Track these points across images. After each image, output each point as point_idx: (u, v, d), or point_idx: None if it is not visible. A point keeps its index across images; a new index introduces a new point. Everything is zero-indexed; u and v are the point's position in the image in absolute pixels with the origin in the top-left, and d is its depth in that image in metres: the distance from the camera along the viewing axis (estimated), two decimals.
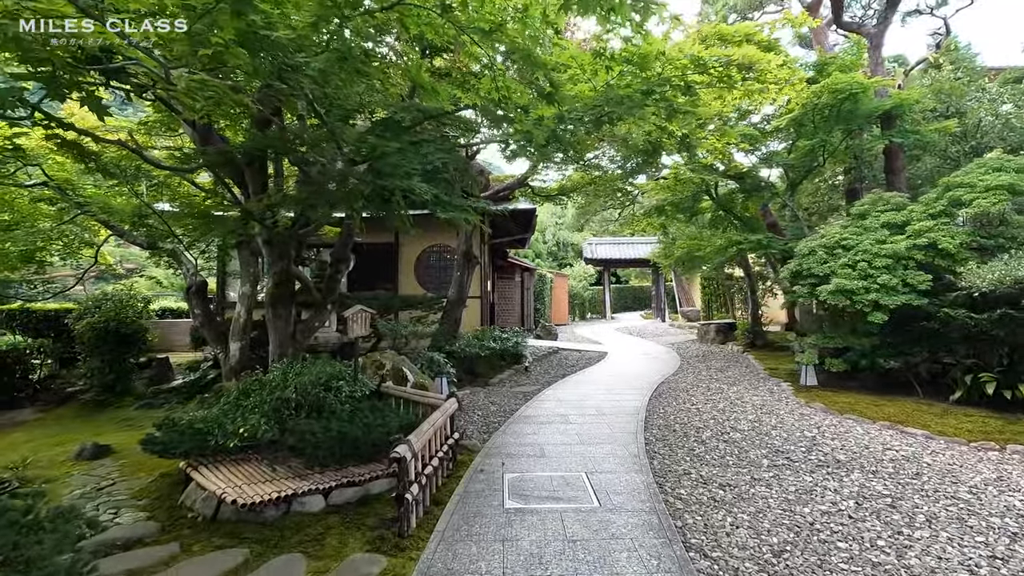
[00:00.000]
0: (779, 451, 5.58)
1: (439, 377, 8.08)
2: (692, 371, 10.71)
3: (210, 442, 4.56)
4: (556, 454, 5.55)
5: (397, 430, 4.96)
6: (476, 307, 13.93)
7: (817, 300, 7.94)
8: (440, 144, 4.43)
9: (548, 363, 12.06)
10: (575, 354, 13.64)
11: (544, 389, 9.07)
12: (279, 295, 6.23)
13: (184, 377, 10.05)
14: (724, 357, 12.50)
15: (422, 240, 14.24)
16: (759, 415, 7.03)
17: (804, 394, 8.14)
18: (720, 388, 8.86)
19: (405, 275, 14.19)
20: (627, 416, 7.09)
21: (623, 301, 37.94)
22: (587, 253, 29.51)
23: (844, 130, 9.39)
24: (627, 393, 8.60)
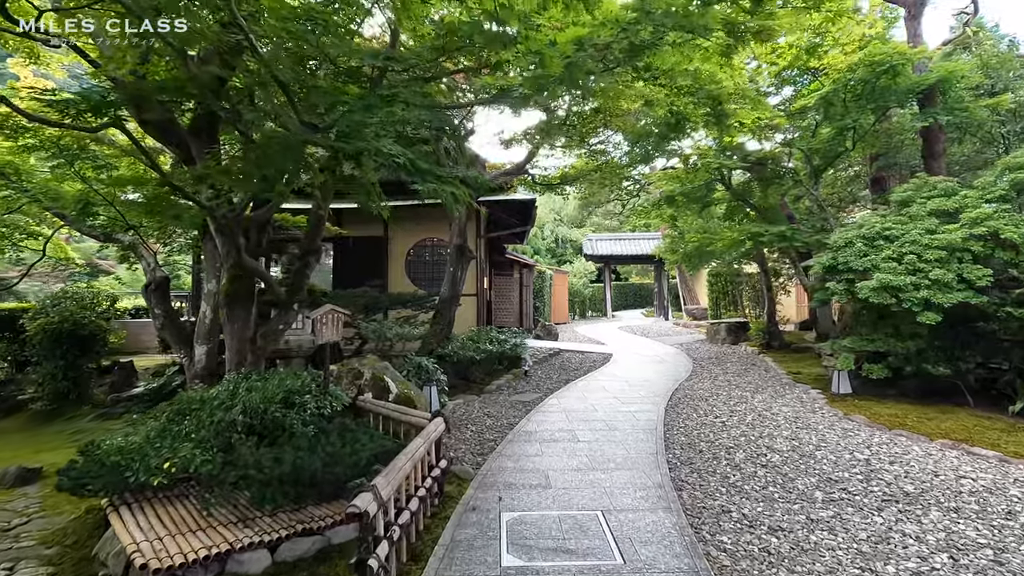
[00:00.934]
0: (831, 480, 4.65)
1: (428, 386, 7.13)
2: (707, 376, 9.78)
3: (129, 479, 3.60)
4: (564, 484, 4.61)
5: (370, 460, 4.02)
6: (471, 305, 12.97)
7: (856, 298, 7.01)
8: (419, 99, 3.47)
9: (549, 367, 11.12)
10: (578, 356, 12.70)
11: (546, 398, 8.12)
12: (234, 293, 5.27)
13: (147, 384, 9.08)
14: (739, 359, 11.57)
15: (413, 233, 13.27)
16: (795, 430, 6.10)
17: (840, 404, 7.22)
18: (743, 396, 7.93)
19: (395, 271, 13.23)
20: (643, 432, 6.15)
21: (624, 299, 37.05)
22: (587, 249, 28.57)
23: (877, 110, 8.44)
24: (640, 402, 7.66)
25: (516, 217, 14.17)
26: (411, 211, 13.05)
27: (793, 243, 9.32)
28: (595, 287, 30.46)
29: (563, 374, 10.26)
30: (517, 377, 9.74)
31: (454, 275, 9.87)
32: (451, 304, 9.98)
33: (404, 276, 13.20)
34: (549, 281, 21.53)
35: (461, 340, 9.81)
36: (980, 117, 8.15)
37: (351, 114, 3.05)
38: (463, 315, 12.65)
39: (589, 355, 12.79)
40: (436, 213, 13.14)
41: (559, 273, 24.49)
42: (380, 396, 6.05)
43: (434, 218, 13.24)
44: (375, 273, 13.10)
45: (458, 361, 9.12)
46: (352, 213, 13.11)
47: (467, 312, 12.82)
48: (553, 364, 11.43)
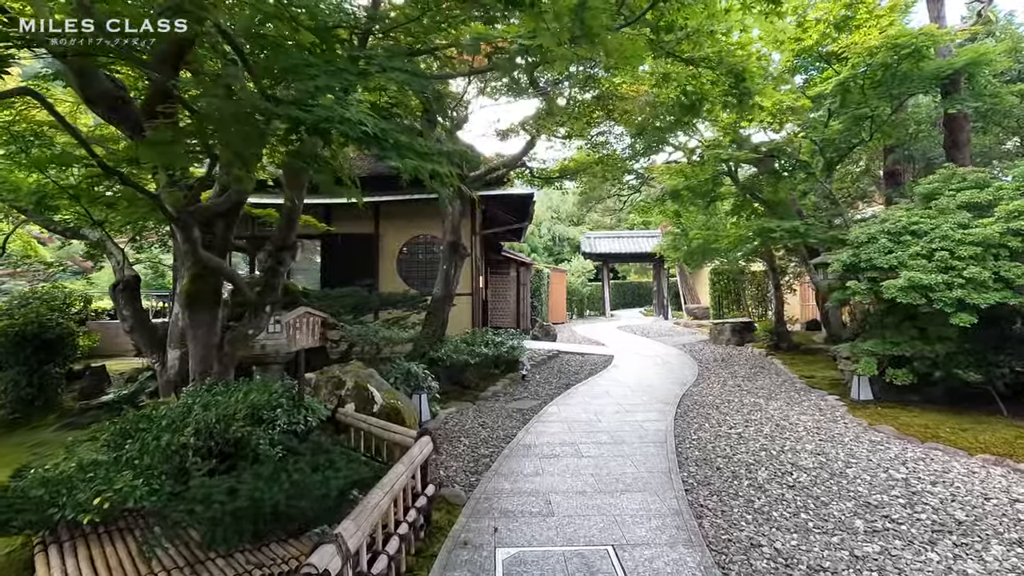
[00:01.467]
0: (870, 504, 4.11)
1: (417, 394, 6.57)
2: (715, 380, 9.25)
3: (54, 516, 3.04)
4: (567, 510, 4.06)
5: (345, 489, 3.46)
6: (466, 305, 12.41)
7: (881, 298, 6.49)
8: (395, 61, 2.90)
9: (548, 370, 10.57)
10: (577, 358, 12.16)
11: (546, 405, 7.57)
12: (196, 293, 4.70)
13: (118, 390, 8.48)
14: (747, 362, 11.05)
15: (405, 230, 12.70)
16: (819, 443, 5.57)
17: (862, 412, 6.70)
18: (756, 404, 7.40)
19: (386, 269, 12.66)
20: (653, 445, 5.61)
21: (622, 298, 36.57)
22: (585, 247, 28.03)
23: (898, 97, 7.91)
24: (646, 410, 7.13)
25: (513, 213, 13.62)
26: (403, 207, 12.48)
27: (807, 239, 8.81)
28: (593, 286, 29.94)
29: (563, 378, 9.71)
30: (514, 382, 9.19)
31: (447, 274, 9.30)
32: (444, 304, 9.42)
33: (396, 275, 12.63)
34: (547, 280, 20.99)
35: (455, 343, 9.26)
36: (1009, 104, 7.64)
37: (313, 78, 2.49)
38: (458, 316, 12.10)
39: (589, 357, 12.25)
40: (429, 209, 12.58)
41: (557, 272, 23.96)
42: (364, 407, 5.49)
43: (427, 214, 12.67)
44: (365, 272, 12.53)
45: (451, 365, 8.57)
46: (342, 209, 12.52)
47: (462, 312, 12.26)
48: (552, 367, 10.88)
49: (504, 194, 11.45)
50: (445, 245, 9.33)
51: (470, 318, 12.38)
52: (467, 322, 12.27)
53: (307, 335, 4.60)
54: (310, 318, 4.61)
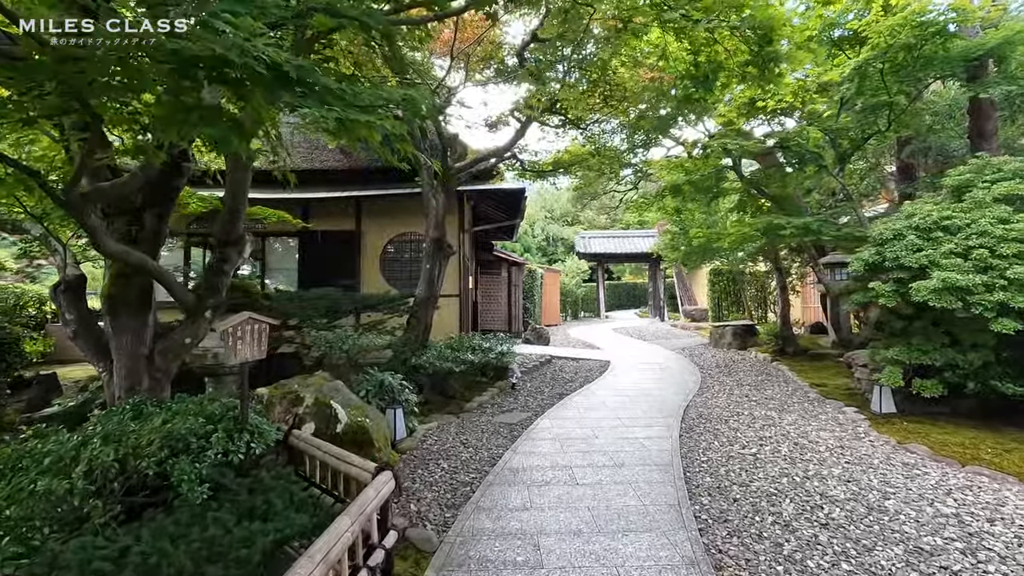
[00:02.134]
0: (922, 550, 3.43)
1: (392, 408, 5.84)
2: (720, 388, 8.57)
3: None
4: (560, 559, 3.35)
5: (277, 542, 2.73)
6: (454, 308, 11.68)
7: (908, 301, 5.83)
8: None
9: (540, 377, 9.85)
10: (571, 364, 11.46)
11: (537, 418, 6.86)
12: (118, 296, 3.97)
13: (65, 402, 7.69)
14: (752, 368, 10.39)
15: (388, 227, 11.97)
16: (847, 467, 4.89)
17: (887, 427, 6.04)
18: (768, 417, 6.73)
19: (369, 269, 11.91)
20: (657, 469, 4.92)
21: (617, 299, 35.98)
22: (579, 247, 27.38)
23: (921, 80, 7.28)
24: (647, 424, 6.43)
25: (504, 209, 12.92)
26: (386, 203, 11.75)
27: (819, 237, 8.15)
28: (588, 287, 29.29)
29: (556, 386, 9.00)
30: (503, 391, 8.47)
31: (431, 274, 8.57)
32: (428, 307, 8.69)
33: (379, 275, 11.89)
34: (540, 280, 20.30)
35: (439, 348, 8.53)
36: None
37: None
38: (445, 319, 11.38)
39: (584, 362, 11.55)
40: (414, 205, 11.85)
41: (550, 272, 23.27)
42: (326, 427, 4.76)
43: (412, 210, 11.95)
44: (346, 272, 11.78)
45: (434, 373, 7.84)
46: (321, 205, 11.77)
47: (449, 315, 11.54)
48: (544, 374, 10.17)
49: (494, 188, 10.75)
50: (428, 242, 8.60)
51: (457, 321, 11.66)
52: (454, 325, 11.55)
53: (251, 346, 3.86)
54: (254, 325, 3.88)
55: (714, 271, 17.06)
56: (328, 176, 11.80)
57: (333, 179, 11.82)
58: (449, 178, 8.14)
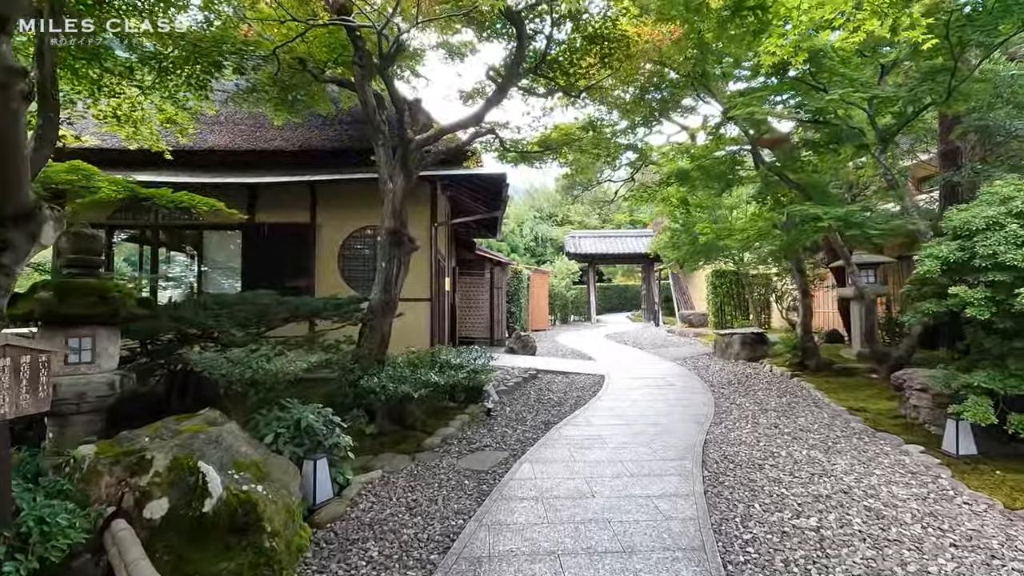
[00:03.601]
0: None
1: (313, 459, 4.21)
2: (740, 414, 7.06)
3: None
4: None
5: None
6: (424, 314, 10.08)
7: (1009, 312, 4.34)
8: None
9: (523, 398, 8.26)
10: (560, 379, 9.88)
11: (514, 462, 5.28)
12: None
13: None
14: (770, 386, 8.90)
15: (350, 220, 10.33)
16: (959, 558, 3.36)
17: (975, 477, 4.56)
18: (814, 460, 5.20)
19: (325, 267, 10.27)
20: (683, 558, 3.35)
21: (608, 301, 34.60)
22: (570, 247, 25.90)
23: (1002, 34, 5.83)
24: (660, 472, 4.88)
25: (483, 200, 11.34)
26: (347, 190, 10.10)
27: (864, 230, 6.67)
28: (578, 289, 27.82)
29: (541, 411, 7.41)
30: (476, 419, 6.87)
31: (387, 274, 6.96)
32: (384, 314, 7.07)
33: (336, 274, 10.24)
34: (526, 282, 18.73)
35: (399, 366, 6.91)
36: None
37: None
38: (413, 327, 9.76)
39: (575, 378, 9.98)
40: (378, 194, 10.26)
41: (538, 273, 21.73)
42: (188, 505, 3.12)
43: (376, 201, 10.35)
44: (298, 271, 10.13)
45: (389, 399, 6.22)
46: (269, 193, 10.10)
47: (417, 322, 9.93)
48: (528, 394, 8.57)
49: (468, 173, 9.17)
50: (383, 235, 6.99)
51: (428, 330, 10.06)
52: (425, 335, 9.95)
53: (12, 391, 2.22)
54: (19, 359, 2.24)
55: (716, 273, 15.62)
56: (276, 159, 10.13)
57: (282, 162, 10.15)
58: (408, 154, 6.53)
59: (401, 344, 9.53)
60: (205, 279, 10.16)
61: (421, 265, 10.14)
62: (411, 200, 10.25)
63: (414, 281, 10.18)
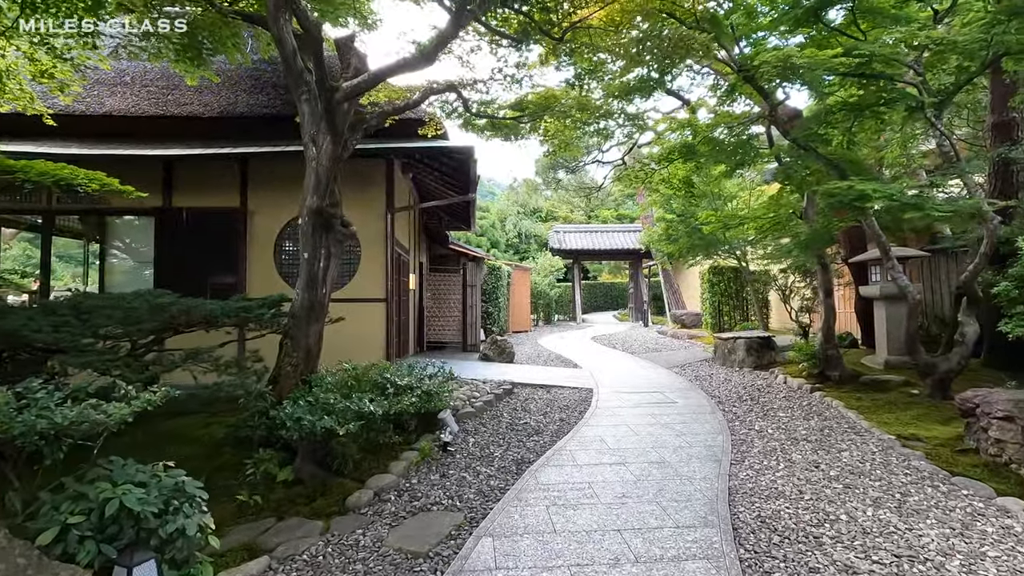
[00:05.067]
0: None
1: (125, 568, 2.58)
2: (765, 446, 5.58)
3: None
4: None
5: None
6: (376, 318, 8.46)
7: None
8: None
9: (492, 424, 6.68)
10: (541, 395, 8.34)
11: (468, 539, 3.70)
12: None
13: None
14: (791, 403, 7.46)
15: (288, 205, 8.64)
16: None
17: None
18: (889, 528, 3.72)
19: (259, 262, 8.57)
20: None
21: (594, 300, 33.24)
22: (553, 242, 24.41)
23: None
24: (677, 559, 3.34)
25: (452, 182, 9.74)
26: (285, 168, 8.39)
27: (928, 212, 5.20)
28: (562, 287, 26.36)
29: (513, 444, 5.84)
30: (428, 457, 5.28)
31: (310, 268, 5.33)
32: (308, 320, 5.44)
33: (273, 270, 8.55)
34: (506, 280, 17.15)
35: (328, 387, 5.30)
36: None
37: None
38: (365, 333, 8.16)
39: (558, 393, 8.45)
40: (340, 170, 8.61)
41: (519, 270, 20.16)
42: None
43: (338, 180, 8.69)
44: (225, 265, 8.42)
45: (306, 436, 4.61)
46: (189, 171, 8.38)
47: (370, 327, 8.32)
48: (500, 416, 7.00)
49: (428, 147, 7.56)
50: (304, 216, 5.34)
51: (383, 337, 8.43)
52: (377, 344, 8.32)
53: None
54: None
55: (714, 269, 14.21)
56: (193, 127, 8.39)
57: (204, 132, 8.41)
58: (334, 108, 4.90)
59: (348, 355, 7.91)
60: (109, 275, 8.38)
61: (374, 259, 8.53)
62: (362, 181, 8.62)
63: (366, 278, 8.55)
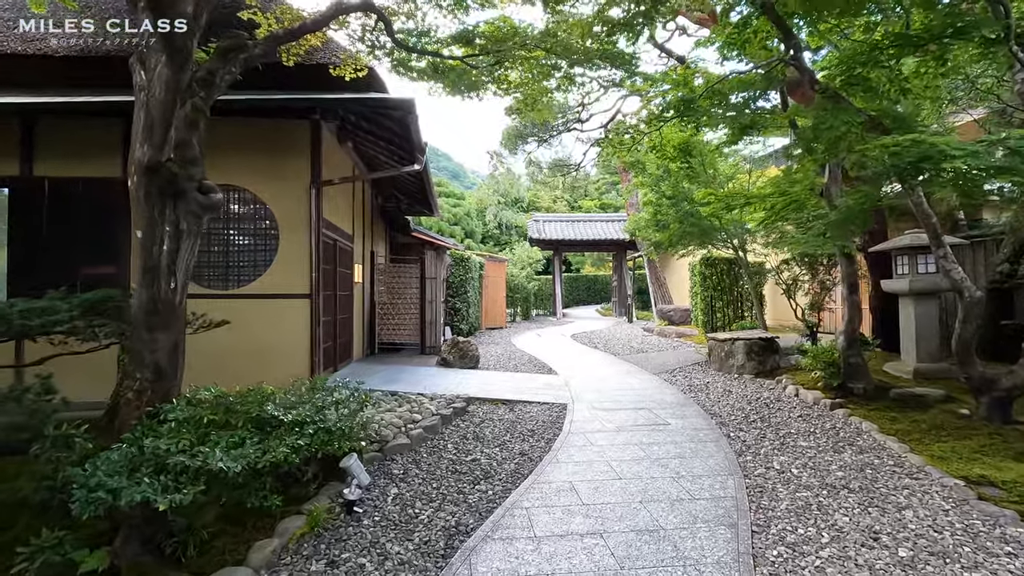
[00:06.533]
0: None
1: None
2: (796, 503, 4.07)
3: None
4: None
5: None
6: (296, 320, 6.81)
7: None
8: None
9: (428, 463, 5.06)
10: (502, 415, 6.76)
11: None
12: None
13: None
14: (810, 425, 5.99)
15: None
16: None
17: None
18: None
19: None
20: None
21: (575, 293, 31.81)
22: (533, 232, 22.84)
23: None
24: None
25: (397, 150, 8.08)
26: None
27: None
28: (542, 280, 24.83)
29: (448, 500, 4.24)
30: (318, 527, 3.66)
31: (147, 251, 3.66)
32: (151, 327, 3.76)
33: None
34: (477, 272, 15.53)
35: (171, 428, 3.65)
36: None
37: None
38: (284, 340, 6.52)
39: (524, 411, 6.87)
40: (250, 134, 6.92)
41: (494, 261, 18.54)
42: None
43: (248, 145, 6.99)
44: (101, 251, 6.68)
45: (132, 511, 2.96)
46: (56, 127, 6.59)
47: (291, 330, 6.68)
48: (441, 450, 5.39)
49: (349, 98, 5.88)
50: (134, 174, 3.66)
51: (306, 345, 6.78)
52: (298, 354, 6.67)
53: None
54: None
55: (706, 261, 12.76)
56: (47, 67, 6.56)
57: (64, 73, 6.60)
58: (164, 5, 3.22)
59: (258, 369, 6.30)
60: None
61: (296, 245, 6.85)
62: (279, 149, 6.89)
63: (285, 269, 6.89)
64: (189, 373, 6.58)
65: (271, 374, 6.11)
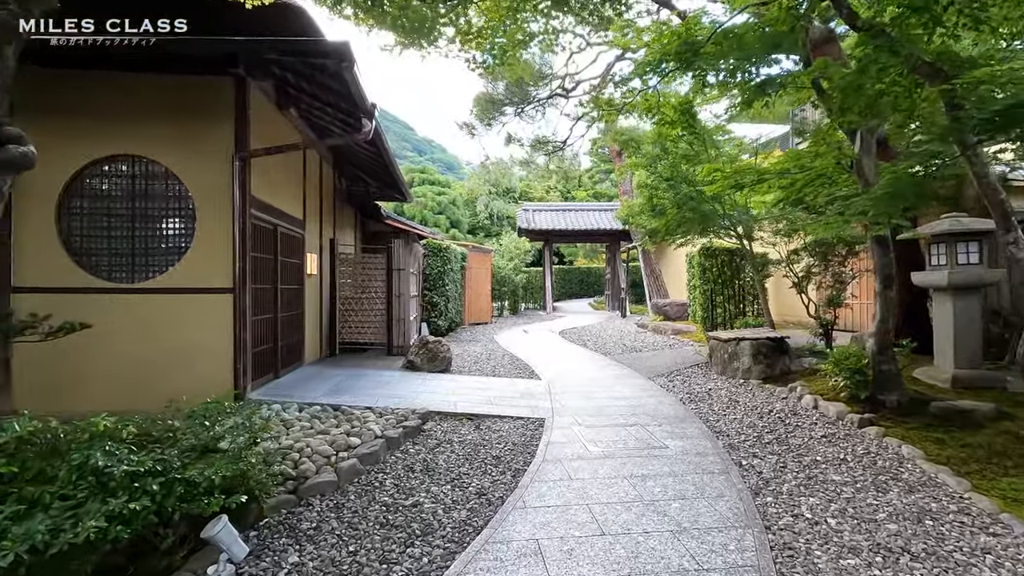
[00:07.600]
0: None
1: None
2: (839, 574, 2.97)
3: None
4: None
5: None
6: (216, 319, 5.63)
7: None
8: None
9: (352, 512, 3.92)
10: (463, 436, 5.63)
11: None
12: None
13: None
14: (838, 449, 4.90)
15: (87, 140, 5.65)
16: None
17: None
18: None
19: (32, 231, 5.56)
20: None
21: (568, 286, 30.71)
22: (522, 222, 21.68)
23: None
24: None
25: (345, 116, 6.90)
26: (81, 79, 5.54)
27: None
28: (531, 272, 23.68)
29: (369, 569, 3.11)
30: None
31: None
32: None
33: (56, 243, 5.61)
34: (458, 263, 14.35)
35: None
36: None
37: None
38: (201, 343, 5.35)
39: (491, 430, 5.74)
40: (154, 94, 5.71)
41: (478, 252, 17.36)
42: None
43: (153, 108, 5.77)
44: None
45: None
46: None
47: (211, 331, 5.51)
48: (374, 491, 4.23)
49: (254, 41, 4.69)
50: None
51: (228, 352, 5.61)
52: (219, 364, 5.50)
53: None
54: None
55: (706, 251, 11.64)
56: None
57: None
58: None
59: (163, 382, 5.17)
60: None
61: (214, 228, 5.66)
62: (196, 114, 5.71)
63: (202, 257, 5.71)
64: (81, 388, 5.44)
65: (187, 385, 4.97)
